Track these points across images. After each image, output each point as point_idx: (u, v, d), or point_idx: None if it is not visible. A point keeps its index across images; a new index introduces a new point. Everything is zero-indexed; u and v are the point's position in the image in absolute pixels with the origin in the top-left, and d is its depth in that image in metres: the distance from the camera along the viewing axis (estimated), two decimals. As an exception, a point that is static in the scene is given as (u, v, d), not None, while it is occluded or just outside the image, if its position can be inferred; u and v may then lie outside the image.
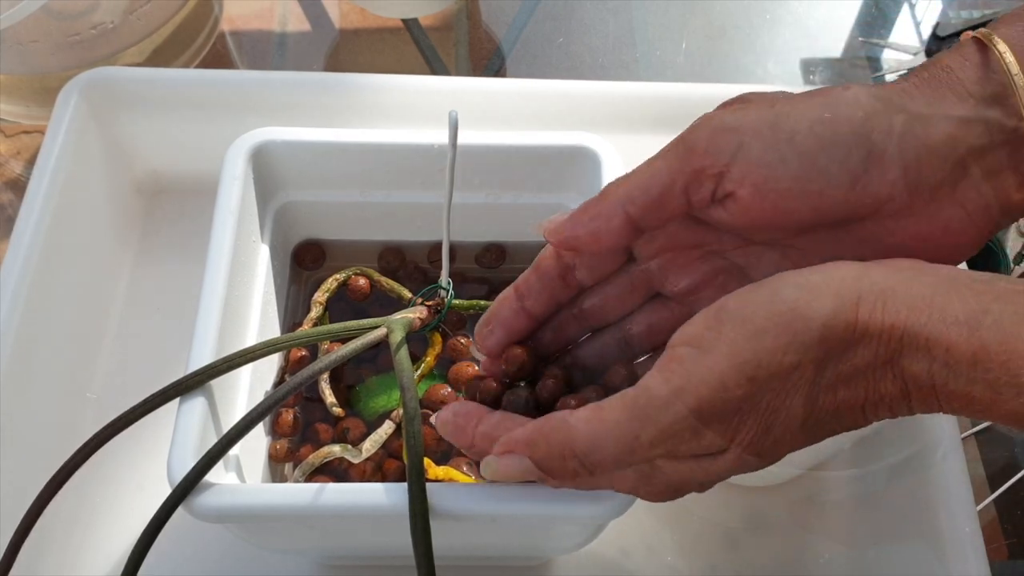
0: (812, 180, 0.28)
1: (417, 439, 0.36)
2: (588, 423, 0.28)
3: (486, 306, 0.46)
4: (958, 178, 0.28)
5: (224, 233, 0.43)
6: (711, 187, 0.30)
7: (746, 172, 0.28)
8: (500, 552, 0.48)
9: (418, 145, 0.47)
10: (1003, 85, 0.28)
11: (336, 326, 0.42)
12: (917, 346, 0.26)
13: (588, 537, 0.43)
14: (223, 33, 0.73)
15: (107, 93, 0.56)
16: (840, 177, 0.28)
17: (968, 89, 0.28)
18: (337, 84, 0.57)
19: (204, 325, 0.40)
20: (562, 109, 0.57)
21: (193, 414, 0.38)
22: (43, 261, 0.50)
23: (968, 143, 0.28)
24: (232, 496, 0.37)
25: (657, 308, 0.35)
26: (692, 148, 0.29)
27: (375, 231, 0.50)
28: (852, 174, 0.28)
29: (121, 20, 0.62)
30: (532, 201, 0.49)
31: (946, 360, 0.25)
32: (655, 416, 0.27)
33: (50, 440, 0.50)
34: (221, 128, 0.51)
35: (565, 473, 0.29)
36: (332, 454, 0.42)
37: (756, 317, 0.26)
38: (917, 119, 0.28)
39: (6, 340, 0.48)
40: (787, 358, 0.26)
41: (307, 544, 0.46)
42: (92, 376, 0.55)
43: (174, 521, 0.37)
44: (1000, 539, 0.56)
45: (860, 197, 0.28)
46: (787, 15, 0.77)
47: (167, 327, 0.56)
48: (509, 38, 0.75)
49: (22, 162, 0.66)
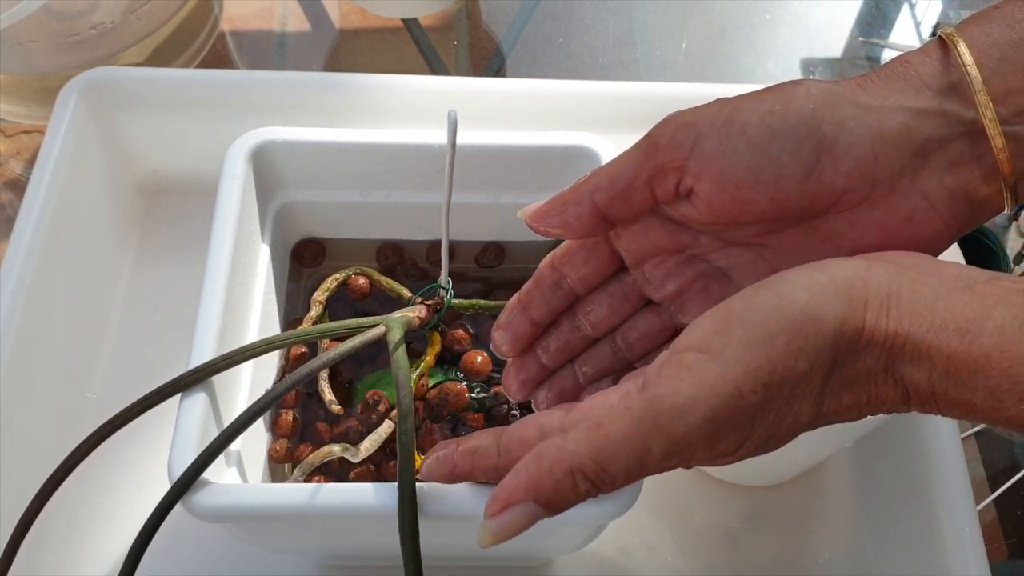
0: (765, 169, 0.28)
1: (409, 437, 0.36)
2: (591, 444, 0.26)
3: (485, 306, 0.46)
4: (917, 168, 0.28)
5: (224, 233, 0.43)
6: (674, 181, 0.30)
7: (703, 165, 0.29)
8: (499, 552, 0.48)
9: (418, 145, 0.47)
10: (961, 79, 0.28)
11: (335, 324, 0.42)
12: (919, 354, 0.26)
13: (588, 537, 0.43)
14: (223, 33, 0.73)
15: (107, 93, 0.56)
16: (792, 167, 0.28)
17: (925, 82, 0.28)
18: (337, 84, 0.57)
19: (205, 323, 0.40)
20: (562, 109, 0.57)
21: (194, 410, 0.38)
22: (43, 261, 0.50)
23: (925, 134, 0.28)
24: (229, 495, 0.37)
25: (649, 317, 0.36)
26: (655, 143, 0.30)
27: (375, 230, 0.51)
28: (804, 164, 0.28)
29: (121, 20, 0.62)
30: (532, 200, 0.49)
31: (947, 369, 0.25)
32: (667, 426, 0.25)
33: (50, 439, 0.50)
34: (221, 128, 0.51)
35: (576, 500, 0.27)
36: (332, 454, 0.42)
37: (767, 320, 0.26)
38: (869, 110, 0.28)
39: (6, 340, 0.48)
40: (799, 364, 0.25)
41: (306, 544, 0.46)
42: (92, 376, 0.55)
43: (172, 520, 0.37)
44: (1000, 539, 0.56)
45: (816, 188, 0.28)
46: (787, 15, 0.77)
47: (167, 327, 0.56)
48: (509, 38, 0.75)
49: (22, 162, 0.66)
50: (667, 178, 0.31)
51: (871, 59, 0.75)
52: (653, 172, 0.30)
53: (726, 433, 0.26)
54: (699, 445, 0.26)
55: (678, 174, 0.30)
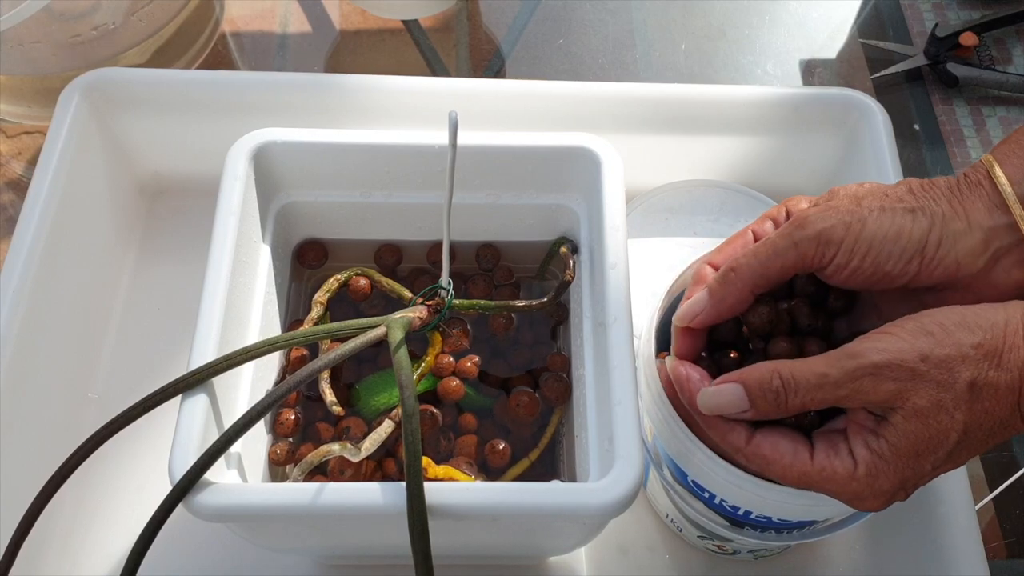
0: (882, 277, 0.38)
1: (415, 437, 0.36)
2: (792, 362, 0.36)
3: (486, 306, 0.46)
4: (990, 268, 0.37)
5: (225, 233, 0.43)
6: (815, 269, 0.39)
7: (836, 272, 0.38)
8: (499, 552, 0.48)
9: (418, 146, 0.47)
10: None
11: (336, 325, 0.42)
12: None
13: (587, 536, 0.43)
14: (224, 34, 0.73)
15: (108, 94, 0.56)
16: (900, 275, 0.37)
17: (996, 203, 0.37)
18: (338, 85, 0.57)
19: (206, 324, 0.41)
20: (562, 110, 0.57)
21: (195, 411, 0.39)
22: (45, 261, 0.51)
23: (996, 244, 0.37)
24: (231, 495, 0.37)
25: None
26: (803, 255, 0.38)
27: (376, 231, 0.51)
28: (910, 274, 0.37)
29: (123, 21, 0.63)
30: (532, 201, 0.49)
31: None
32: (844, 363, 0.35)
33: (51, 440, 0.50)
34: (222, 129, 0.51)
35: (768, 397, 0.36)
36: (331, 453, 0.42)
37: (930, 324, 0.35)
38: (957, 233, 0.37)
39: (8, 340, 0.48)
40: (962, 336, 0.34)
41: (307, 543, 0.46)
42: (93, 376, 0.55)
43: (174, 520, 0.37)
44: (999, 538, 0.56)
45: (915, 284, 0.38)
46: (786, 16, 0.78)
47: (168, 327, 0.57)
48: (509, 39, 0.75)
49: (23, 163, 0.66)
50: (807, 269, 0.39)
51: (870, 59, 0.75)
52: (798, 268, 0.39)
53: (887, 379, 0.34)
54: (865, 383, 0.34)
55: (817, 269, 0.39)
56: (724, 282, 0.39)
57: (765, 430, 0.37)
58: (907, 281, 0.38)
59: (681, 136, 0.59)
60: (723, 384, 0.37)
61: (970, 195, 0.38)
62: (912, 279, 0.38)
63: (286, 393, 0.39)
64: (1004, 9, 0.77)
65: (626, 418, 0.39)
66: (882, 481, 0.35)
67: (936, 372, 0.34)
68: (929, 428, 0.34)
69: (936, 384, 0.34)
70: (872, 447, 0.35)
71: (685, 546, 0.52)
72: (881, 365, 0.34)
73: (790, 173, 0.62)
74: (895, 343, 0.34)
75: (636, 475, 0.37)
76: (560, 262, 0.48)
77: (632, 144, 0.57)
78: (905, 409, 0.34)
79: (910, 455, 0.35)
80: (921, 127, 0.73)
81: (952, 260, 0.37)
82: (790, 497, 0.39)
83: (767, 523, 0.42)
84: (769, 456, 0.37)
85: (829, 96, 0.59)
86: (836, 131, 0.59)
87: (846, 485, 0.36)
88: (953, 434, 0.34)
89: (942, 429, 0.34)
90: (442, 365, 0.47)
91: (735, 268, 0.39)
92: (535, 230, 0.50)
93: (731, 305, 0.39)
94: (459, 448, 0.45)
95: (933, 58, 0.74)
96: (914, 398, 0.34)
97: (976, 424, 0.35)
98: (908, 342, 0.34)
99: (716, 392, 0.37)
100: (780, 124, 0.59)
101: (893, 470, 0.35)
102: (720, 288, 0.39)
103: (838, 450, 0.36)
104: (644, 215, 0.60)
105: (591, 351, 0.44)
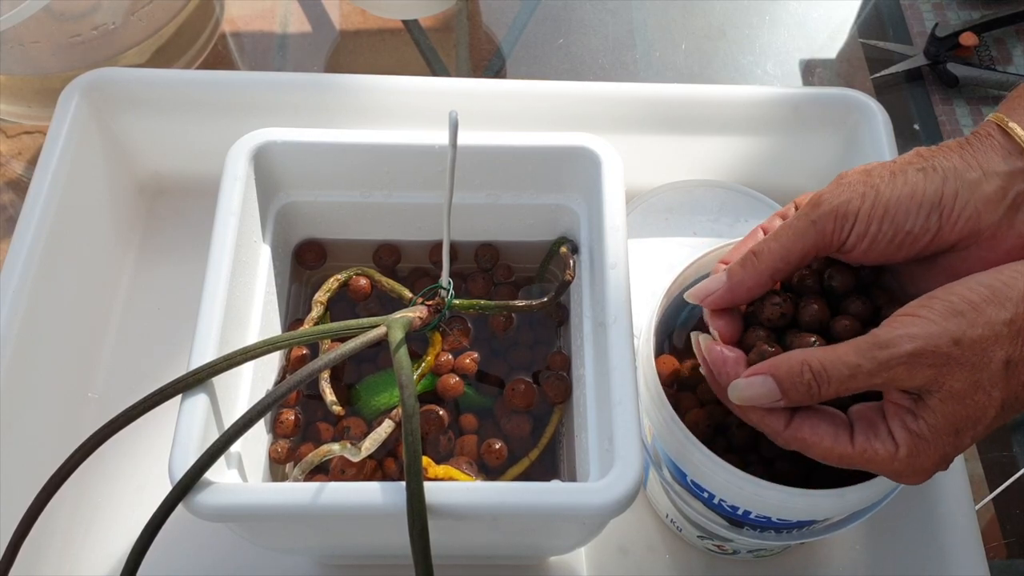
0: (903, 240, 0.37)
1: (415, 437, 0.36)
2: (822, 351, 0.36)
3: (486, 306, 0.46)
4: (1012, 216, 0.37)
5: (225, 233, 0.43)
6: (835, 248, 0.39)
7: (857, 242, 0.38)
8: (499, 551, 0.48)
9: (418, 146, 0.47)
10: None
11: (336, 325, 0.42)
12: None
13: (587, 536, 0.43)
14: (224, 34, 0.73)
15: (108, 94, 0.56)
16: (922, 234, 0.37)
17: (1008, 149, 0.37)
18: (338, 85, 0.57)
19: (206, 324, 0.41)
20: (562, 110, 0.57)
21: (195, 411, 0.39)
22: (45, 261, 0.51)
23: (1016, 189, 0.37)
24: (231, 495, 0.37)
25: None
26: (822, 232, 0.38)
27: (376, 231, 0.51)
28: (931, 231, 0.37)
29: (122, 21, 0.63)
30: (532, 201, 0.49)
31: None
32: (875, 352, 0.34)
33: (51, 440, 0.50)
34: (222, 129, 0.51)
35: (800, 388, 0.36)
36: (331, 452, 0.42)
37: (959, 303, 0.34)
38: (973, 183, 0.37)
39: (8, 340, 0.48)
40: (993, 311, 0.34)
41: (307, 543, 0.46)
42: (93, 376, 0.55)
43: (174, 520, 0.37)
44: (999, 538, 0.56)
45: (937, 243, 0.37)
46: (786, 16, 0.78)
47: (168, 327, 0.57)
48: (509, 39, 0.75)
49: (23, 163, 0.66)
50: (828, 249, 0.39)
51: (870, 59, 0.75)
52: (819, 249, 0.39)
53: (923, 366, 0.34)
54: (900, 371, 0.34)
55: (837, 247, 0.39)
56: (745, 265, 0.39)
57: (804, 413, 0.37)
58: (930, 241, 0.37)
59: (681, 136, 0.59)
60: (753, 376, 0.37)
61: (981, 147, 0.38)
62: (935, 237, 0.37)
63: (286, 393, 0.39)
64: (1004, 9, 0.77)
65: (626, 418, 0.39)
66: (923, 460, 0.35)
67: (970, 355, 0.34)
68: (967, 408, 0.34)
69: (971, 367, 0.34)
70: (911, 428, 0.35)
71: (685, 546, 0.52)
72: (915, 354, 0.34)
73: (790, 173, 0.62)
74: (926, 327, 0.34)
75: (636, 475, 0.37)
76: (560, 262, 0.48)
77: (632, 144, 0.57)
78: (942, 392, 0.34)
79: (950, 433, 0.35)
80: (921, 127, 0.73)
81: (972, 210, 0.36)
82: (789, 497, 0.39)
83: (766, 523, 0.42)
84: (809, 439, 0.37)
85: (829, 96, 0.59)
86: (836, 131, 0.59)
87: (888, 465, 0.36)
88: (991, 410, 0.34)
89: (980, 407, 0.34)
90: (441, 363, 0.47)
91: (757, 252, 0.39)
92: (535, 230, 0.50)
93: (749, 288, 0.39)
94: (459, 448, 0.45)
95: (933, 58, 0.74)
96: (950, 381, 0.34)
97: (1013, 397, 0.35)
98: (940, 325, 0.34)
99: (747, 384, 0.37)
100: (780, 124, 0.59)
101: (934, 448, 0.35)
102: (740, 271, 0.39)
103: (878, 431, 0.36)
104: (644, 215, 0.60)
105: (591, 351, 0.44)
